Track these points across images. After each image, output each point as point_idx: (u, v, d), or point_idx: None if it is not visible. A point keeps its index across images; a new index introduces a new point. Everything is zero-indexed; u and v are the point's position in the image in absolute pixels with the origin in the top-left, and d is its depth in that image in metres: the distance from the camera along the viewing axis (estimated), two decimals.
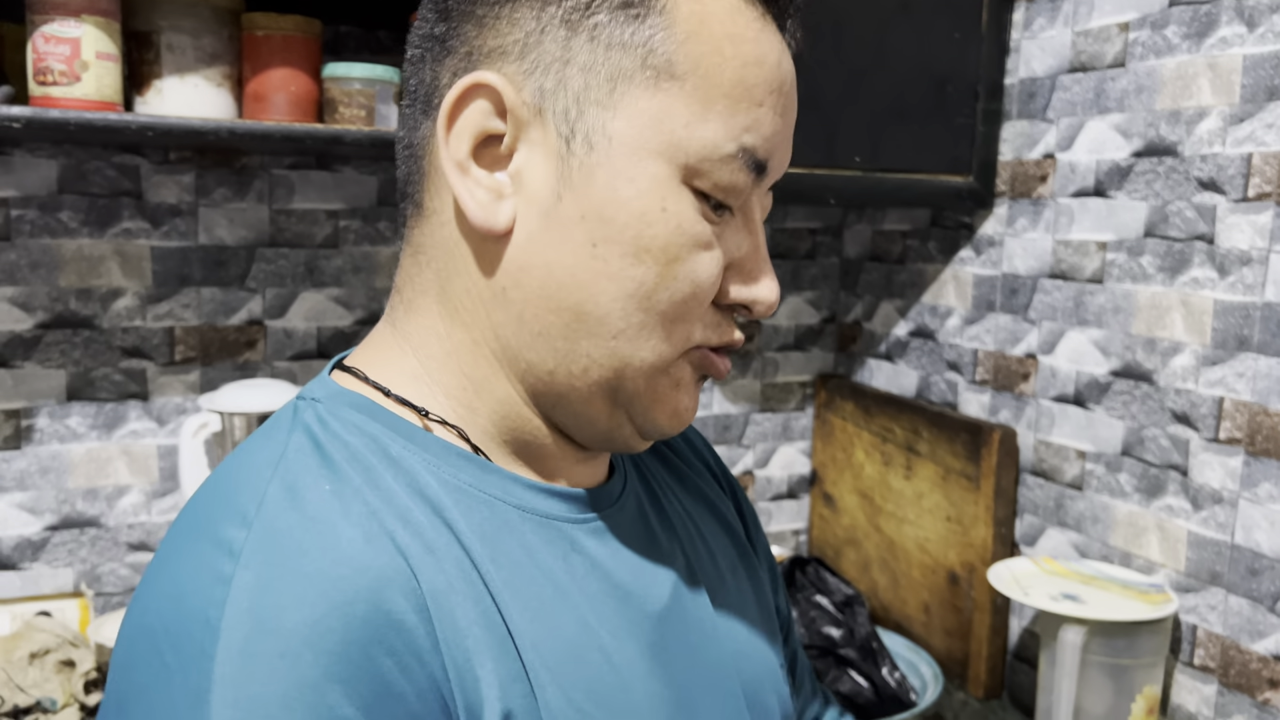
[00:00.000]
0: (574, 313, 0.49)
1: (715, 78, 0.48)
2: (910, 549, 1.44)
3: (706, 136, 0.48)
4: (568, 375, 0.50)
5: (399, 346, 0.52)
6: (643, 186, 0.47)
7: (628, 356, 0.50)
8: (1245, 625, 1.05)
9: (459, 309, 0.51)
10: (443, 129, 0.48)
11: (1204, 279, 1.08)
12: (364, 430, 0.49)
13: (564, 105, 0.48)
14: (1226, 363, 1.06)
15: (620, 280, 0.48)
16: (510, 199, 0.49)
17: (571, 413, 0.52)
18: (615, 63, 0.47)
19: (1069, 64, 1.23)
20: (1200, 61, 1.07)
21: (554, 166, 0.48)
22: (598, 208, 0.48)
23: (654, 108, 0.47)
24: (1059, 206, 1.25)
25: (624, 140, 0.47)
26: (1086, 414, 1.22)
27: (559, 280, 0.48)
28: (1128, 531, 1.17)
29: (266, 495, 0.45)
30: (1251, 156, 1.03)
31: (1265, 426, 1.02)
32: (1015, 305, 1.32)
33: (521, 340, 0.50)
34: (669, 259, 0.48)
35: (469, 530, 0.48)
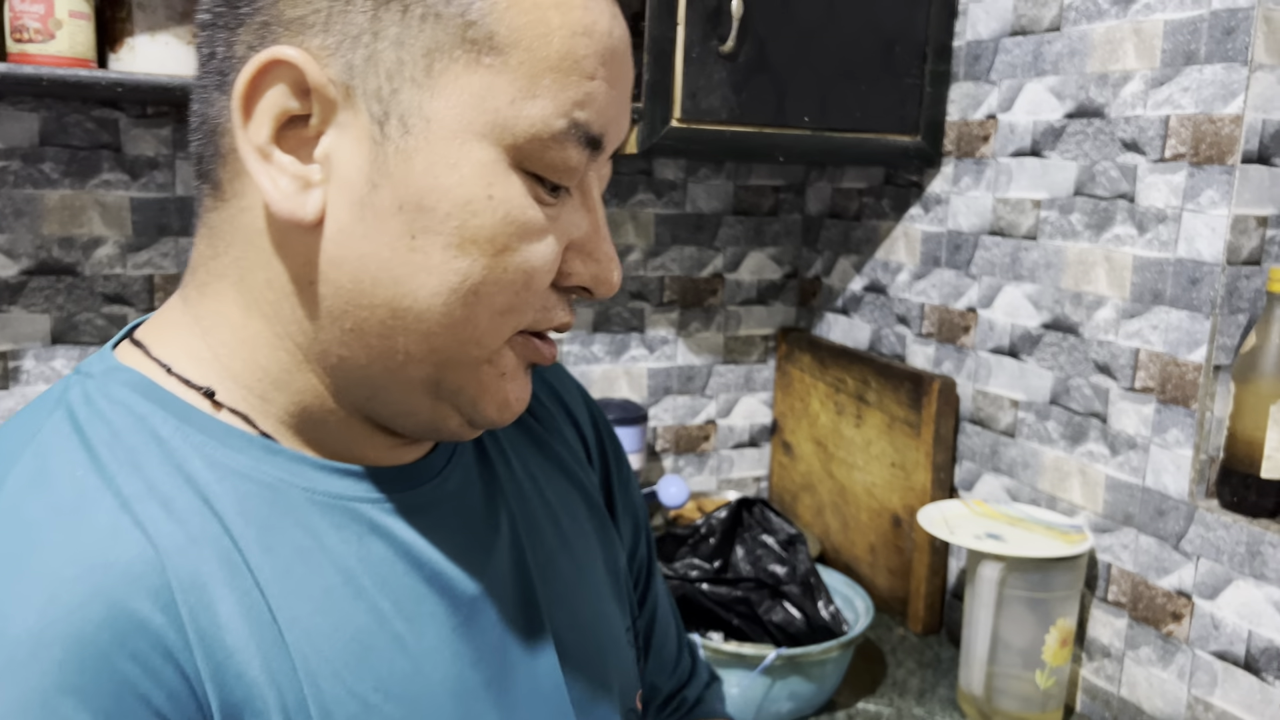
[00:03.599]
0: (389, 308, 0.45)
1: (541, 50, 0.44)
2: (859, 493, 1.51)
3: (534, 114, 0.44)
4: (384, 371, 0.47)
5: (189, 327, 0.49)
6: (466, 172, 0.44)
7: (449, 352, 0.46)
8: (1153, 563, 1.11)
9: (259, 300, 0.47)
10: (238, 110, 0.43)
11: (1125, 236, 1.13)
12: (133, 410, 0.46)
13: (375, 84, 0.43)
14: (1143, 315, 1.11)
15: (442, 274, 0.44)
16: (319, 187, 0.44)
17: (390, 407, 0.49)
18: (431, 37, 0.43)
19: (1011, 27, 1.27)
20: (1126, 26, 1.12)
21: (367, 152, 0.44)
22: (416, 196, 0.44)
23: (475, 85, 0.43)
24: (999, 166, 1.30)
25: (444, 122, 0.43)
26: (1020, 365, 1.28)
27: (373, 275, 0.44)
28: (1054, 476, 1.24)
29: (8, 480, 0.42)
30: (1169, 119, 1.08)
31: (1174, 376, 1.08)
32: (958, 261, 1.37)
33: (331, 336, 0.46)
34: (497, 250, 0.45)
35: (240, 517, 0.45)
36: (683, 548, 1.31)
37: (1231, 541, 1.03)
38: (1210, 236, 1.04)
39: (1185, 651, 1.08)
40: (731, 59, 1.24)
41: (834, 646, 1.13)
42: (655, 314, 1.66)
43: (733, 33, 1.21)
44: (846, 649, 1.15)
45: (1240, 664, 1.03)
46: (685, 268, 1.67)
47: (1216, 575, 1.05)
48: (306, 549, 0.47)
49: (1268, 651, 1.00)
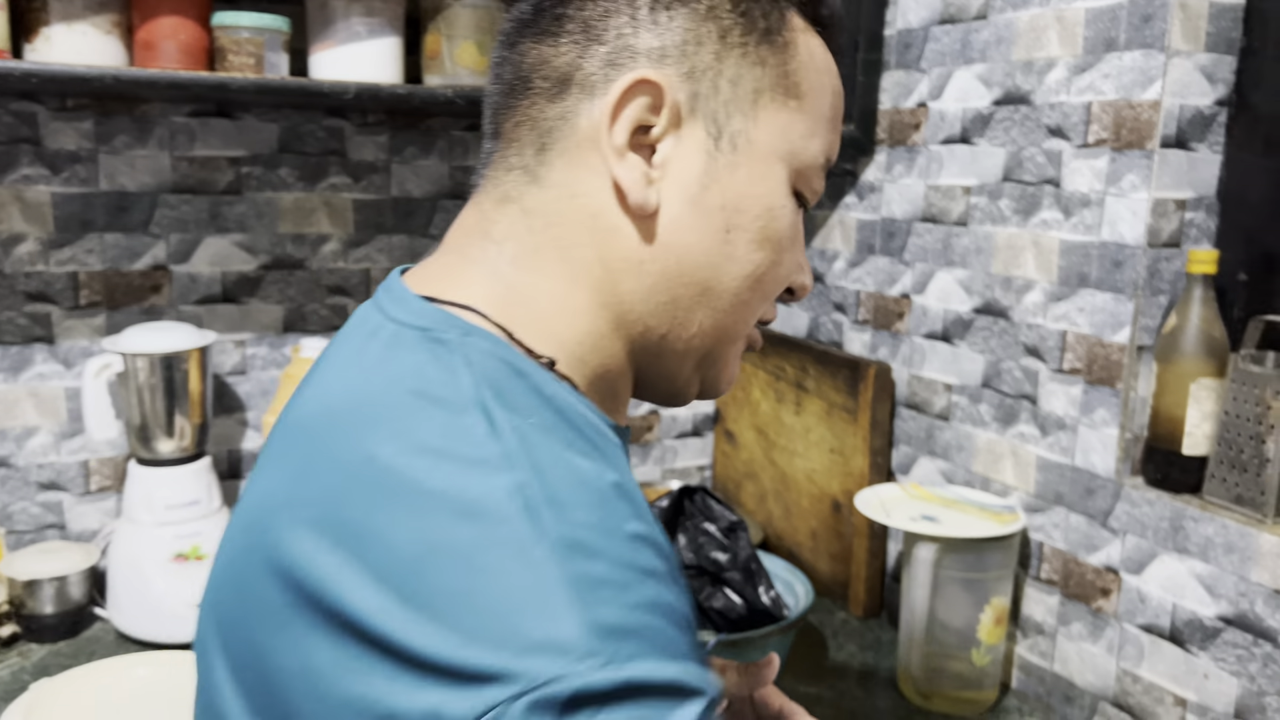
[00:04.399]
0: (701, 287, 0.55)
1: (820, 102, 0.57)
2: (800, 480, 1.52)
3: (814, 148, 0.57)
4: (677, 338, 0.56)
5: (506, 296, 0.54)
6: (771, 185, 0.56)
7: (728, 326, 0.57)
8: (1082, 540, 1.14)
9: (586, 273, 0.54)
10: (607, 116, 0.53)
11: (1052, 220, 1.15)
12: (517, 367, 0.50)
13: (714, 109, 0.54)
14: (1069, 298, 1.14)
15: (744, 263, 0.56)
16: (657, 184, 0.54)
17: (661, 369, 0.58)
18: (758, 78, 0.55)
19: (940, 15, 1.29)
20: (1049, 14, 1.14)
21: (702, 160, 0.54)
22: (735, 200, 0.55)
23: (783, 120, 0.56)
24: (931, 153, 1.31)
25: (760, 145, 0.55)
26: (952, 349, 1.30)
27: (695, 258, 0.55)
28: (987, 458, 1.26)
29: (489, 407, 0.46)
30: (1091, 105, 1.10)
31: (1100, 357, 1.11)
32: (892, 248, 1.39)
33: (646, 307, 0.55)
34: (781, 249, 0.57)
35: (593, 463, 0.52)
36: None
37: (1156, 517, 1.06)
38: (1132, 220, 1.06)
39: (1114, 626, 1.11)
40: None
41: (774, 631, 1.14)
42: None
43: None
44: (787, 633, 1.17)
45: (1165, 636, 1.06)
46: None
47: (1142, 550, 1.07)
48: None
49: (1191, 623, 1.03)
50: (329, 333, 1.46)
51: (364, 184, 1.45)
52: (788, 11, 0.56)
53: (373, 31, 1.19)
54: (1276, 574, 0.95)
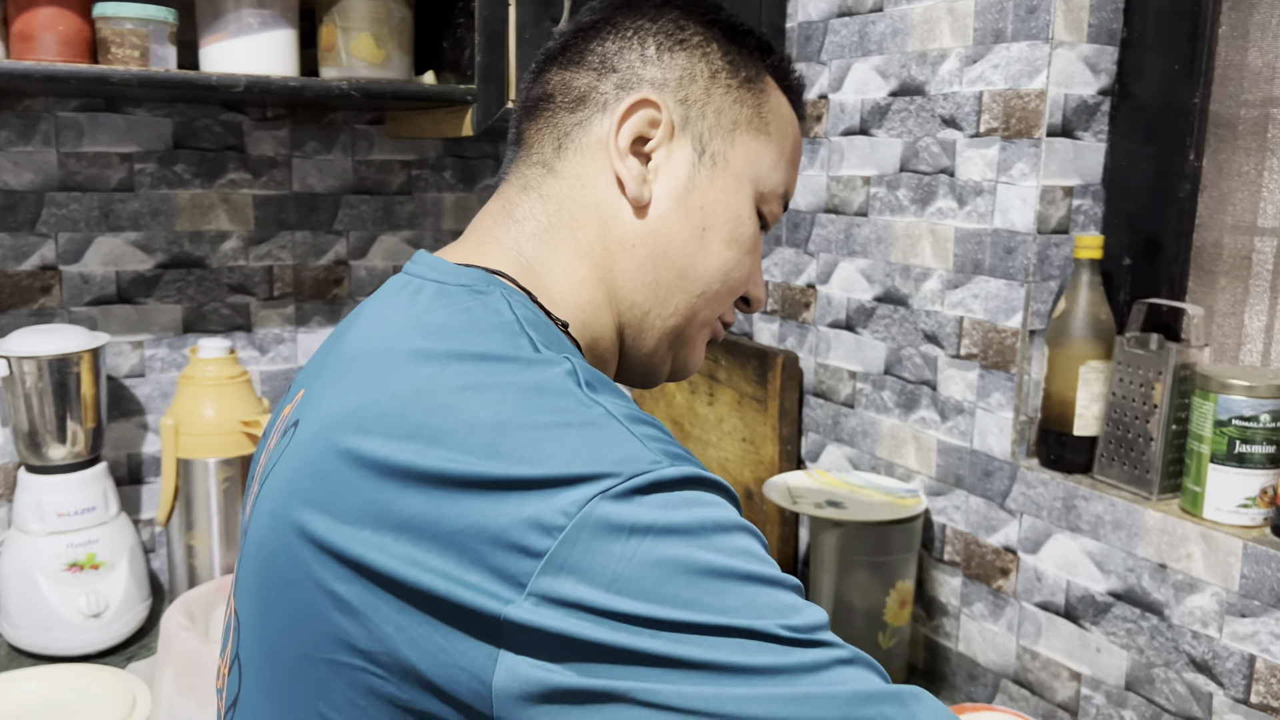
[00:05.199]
0: (680, 272, 0.66)
1: (784, 143, 0.70)
2: (714, 470, 1.52)
3: (776, 178, 0.69)
4: (657, 315, 0.67)
5: (526, 268, 0.65)
6: (740, 199, 0.67)
7: (699, 310, 0.68)
8: (982, 521, 1.16)
9: (589, 251, 0.65)
10: (614, 124, 0.65)
11: (947, 209, 1.17)
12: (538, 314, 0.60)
13: (701, 130, 0.66)
14: (965, 285, 1.16)
15: (715, 257, 0.67)
16: (650, 183, 0.65)
17: (642, 345, 0.68)
18: (737, 113, 0.67)
19: (838, 8, 1.30)
20: (942, 6, 1.16)
21: (688, 170, 0.66)
22: (711, 205, 0.66)
23: (754, 150, 0.68)
24: (832, 145, 1.33)
25: (735, 165, 0.67)
26: (856, 338, 1.32)
27: (676, 248, 0.66)
28: (890, 443, 1.28)
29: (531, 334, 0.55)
30: (982, 95, 1.12)
31: (995, 342, 1.13)
32: (798, 239, 1.40)
33: (634, 285, 0.66)
34: (745, 251, 0.68)
35: None
36: None
37: (1050, 498, 1.08)
38: (1022, 207, 1.09)
39: (1013, 605, 1.14)
40: None
41: None
42: None
43: (565, 13, 1.21)
44: None
45: (1061, 613, 1.09)
46: None
47: (1038, 530, 1.10)
48: None
49: (1084, 599, 1.06)
50: (231, 332, 1.42)
51: (264, 179, 1.42)
52: (765, 70, 0.69)
53: (265, 23, 1.16)
54: (1161, 549, 0.98)
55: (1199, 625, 0.96)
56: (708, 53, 0.67)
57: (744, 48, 0.69)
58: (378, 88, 1.18)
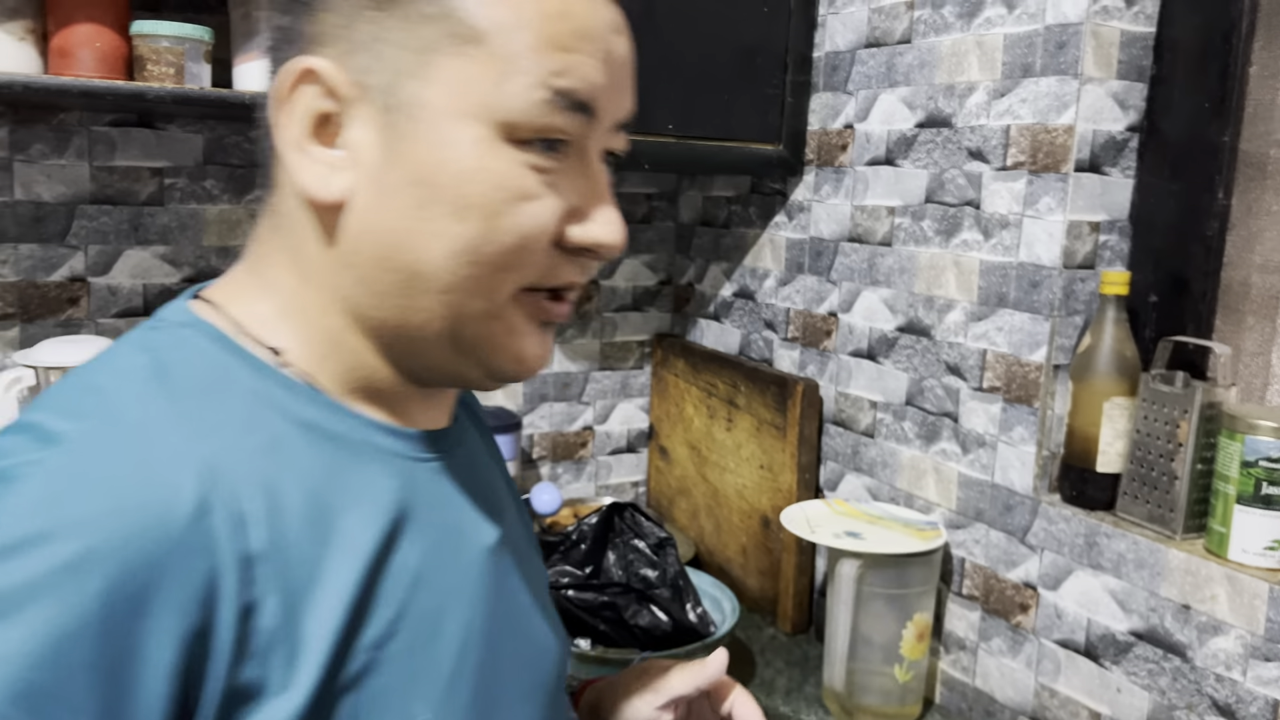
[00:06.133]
0: (408, 271, 0.52)
1: (520, 34, 0.51)
2: (731, 496, 1.53)
3: (516, 90, 0.51)
4: (412, 328, 0.54)
5: (255, 292, 0.56)
6: (461, 150, 0.51)
7: (460, 307, 0.53)
8: (1002, 556, 1.16)
9: (309, 272, 0.55)
10: (275, 113, 0.52)
11: (972, 241, 1.17)
12: (215, 360, 0.53)
13: (383, 80, 0.51)
14: (989, 318, 1.16)
15: (447, 238, 0.51)
16: (346, 172, 0.52)
17: (423, 360, 0.56)
18: (421, 36, 0.51)
19: (866, 39, 1.31)
20: (970, 39, 1.16)
21: (381, 138, 0.52)
22: (421, 173, 0.51)
23: (461, 73, 0.51)
24: (857, 174, 1.33)
25: (438, 108, 0.51)
26: (878, 367, 1.31)
27: (392, 243, 0.52)
28: (911, 474, 1.27)
29: (103, 401, 0.48)
30: (1010, 128, 1.12)
31: (1019, 376, 1.13)
32: (820, 267, 1.40)
33: (368, 299, 0.54)
34: (490, 214, 0.51)
35: (310, 460, 0.52)
36: (554, 554, 1.31)
37: (1071, 534, 1.08)
38: (1048, 241, 1.09)
39: (1032, 641, 1.13)
40: None
41: (699, 648, 1.14)
42: None
43: None
44: (712, 649, 1.16)
45: (1081, 651, 1.07)
46: None
47: (1059, 566, 1.09)
48: (362, 491, 0.54)
49: (1105, 638, 1.05)
50: None
51: None
52: None
53: None
54: (1184, 589, 0.97)
55: (1222, 668, 0.95)
56: None
57: None
58: None
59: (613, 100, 0.54)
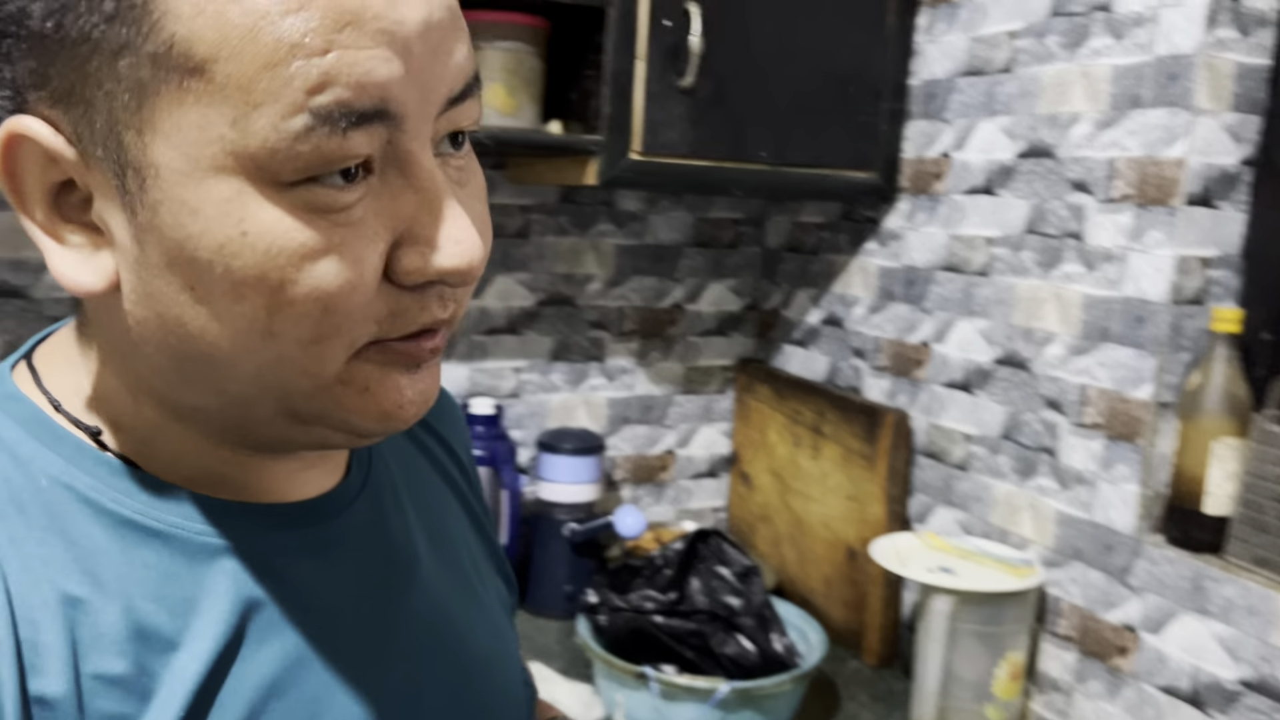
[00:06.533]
0: (205, 359, 0.42)
1: (249, 51, 0.38)
2: (815, 525, 1.51)
3: (262, 126, 0.38)
4: (239, 413, 0.45)
5: (78, 365, 0.47)
6: (211, 214, 0.39)
7: (284, 387, 0.43)
8: (1100, 597, 1.13)
9: (107, 357, 0.46)
10: (9, 191, 0.41)
11: (1074, 274, 1.15)
12: (18, 452, 0.44)
13: (105, 141, 0.40)
14: (1091, 352, 1.13)
15: (229, 320, 0.41)
16: (103, 252, 0.42)
17: (269, 437, 0.46)
18: (131, 75, 0.39)
19: (965, 68, 1.30)
20: (1075, 69, 1.14)
21: (124, 213, 0.41)
22: (176, 249, 0.40)
23: (188, 119, 0.39)
24: (953, 203, 1.32)
25: (171, 166, 0.39)
26: (972, 399, 1.29)
27: (176, 333, 0.42)
28: (1005, 510, 1.25)
29: None
30: (1115, 160, 1.10)
31: (1121, 412, 1.10)
32: (913, 295, 1.39)
33: (176, 389, 0.45)
34: (272, 287, 0.40)
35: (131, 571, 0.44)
36: (638, 579, 1.31)
37: (1176, 576, 1.04)
38: (1155, 276, 1.06)
39: (1132, 685, 1.09)
40: (691, 94, 1.25)
41: (787, 680, 1.13)
42: (615, 343, 1.66)
43: (692, 68, 1.23)
44: (799, 682, 1.15)
45: (1185, 698, 1.04)
46: (645, 298, 1.67)
47: (1162, 610, 1.06)
48: (197, 597, 0.45)
49: (1211, 686, 1.01)
50: None
51: None
52: None
53: None
54: None
55: None
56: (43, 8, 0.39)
57: None
58: (508, 136, 1.21)
59: (422, 83, 0.41)
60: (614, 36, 1.21)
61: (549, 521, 1.51)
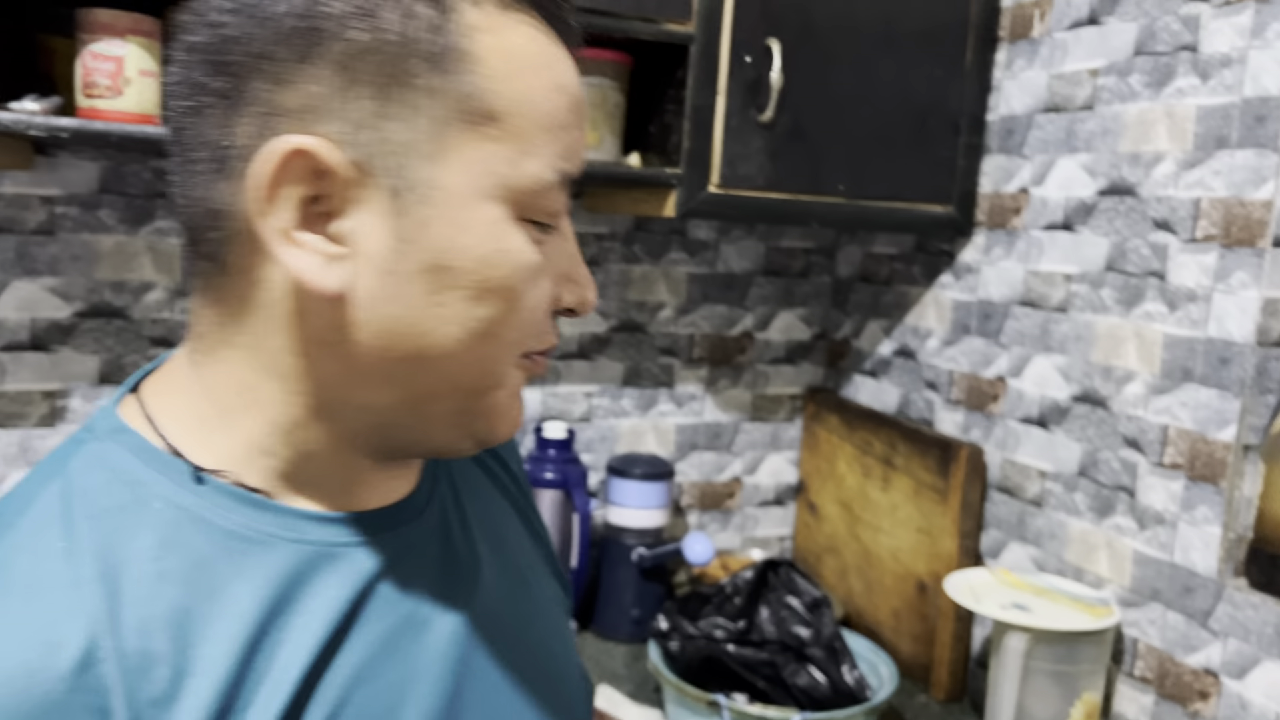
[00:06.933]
0: (416, 356, 0.49)
1: (530, 113, 0.49)
2: (884, 557, 1.51)
3: (531, 171, 0.49)
4: (409, 407, 0.51)
5: (191, 388, 0.52)
6: (480, 232, 0.48)
7: (470, 384, 0.51)
8: (1180, 639, 1.11)
9: (273, 363, 0.50)
10: (260, 199, 0.46)
11: (1155, 313, 1.15)
12: (129, 479, 0.49)
13: (390, 162, 0.47)
14: (1172, 392, 1.13)
15: (463, 321, 0.49)
16: (342, 260, 0.48)
17: (405, 437, 0.53)
18: (433, 114, 0.47)
19: (1044, 104, 1.30)
20: (1159, 109, 1.14)
21: (389, 224, 0.47)
22: (438, 259, 0.48)
23: (479, 153, 0.48)
24: (1031, 238, 1.32)
25: (454, 189, 0.48)
26: (1048, 435, 1.29)
27: (401, 331, 0.49)
28: (1081, 548, 1.24)
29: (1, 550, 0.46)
30: (1200, 200, 1.10)
31: (1203, 454, 1.09)
32: (989, 330, 1.39)
33: (355, 388, 0.50)
34: (512, 296, 0.50)
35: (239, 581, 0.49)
36: (707, 606, 1.32)
37: (1260, 621, 1.03)
38: (1240, 317, 1.05)
39: None
40: (769, 128, 1.27)
41: (858, 713, 1.13)
42: (684, 370, 1.68)
43: (772, 103, 1.25)
44: (870, 715, 1.16)
45: None
46: (715, 325, 1.69)
47: (1244, 655, 1.05)
48: (303, 601, 0.50)
49: None
50: None
51: None
52: (456, 10, 0.47)
53: None
54: None
55: None
56: (361, 45, 0.46)
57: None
58: (590, 169, 1.24)
59: (582, 165, 0.54)
60: (695, 72, 1.24)
61: (617, 546, 1.53)
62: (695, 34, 1.23)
